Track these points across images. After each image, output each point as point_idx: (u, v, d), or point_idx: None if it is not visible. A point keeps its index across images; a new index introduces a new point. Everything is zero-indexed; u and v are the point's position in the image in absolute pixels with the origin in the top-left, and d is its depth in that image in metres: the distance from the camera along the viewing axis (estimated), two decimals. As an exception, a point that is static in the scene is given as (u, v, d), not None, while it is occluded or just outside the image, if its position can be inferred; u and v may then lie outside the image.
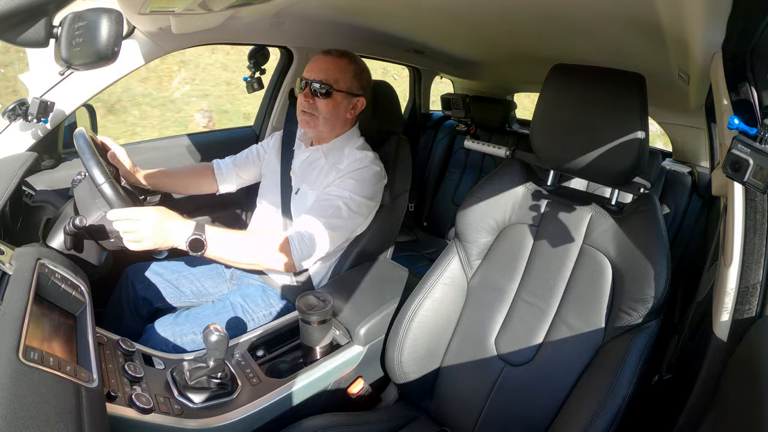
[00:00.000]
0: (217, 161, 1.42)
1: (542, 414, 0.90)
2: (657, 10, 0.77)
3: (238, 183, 1.42)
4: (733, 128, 0.59)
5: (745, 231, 0.69)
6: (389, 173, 1.27)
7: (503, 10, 1.05)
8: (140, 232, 0.90)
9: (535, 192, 1.02)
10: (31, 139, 1.13)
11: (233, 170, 1.40)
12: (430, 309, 1.03)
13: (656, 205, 0.89)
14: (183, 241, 0.95)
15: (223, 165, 1.41)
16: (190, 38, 1.20)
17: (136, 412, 0.74)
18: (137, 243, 0.91)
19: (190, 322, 1.08)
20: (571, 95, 0.92)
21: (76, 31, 0.69)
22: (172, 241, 0.95)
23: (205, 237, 0.97)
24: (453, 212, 2.42)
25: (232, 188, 1.42)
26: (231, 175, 1.40)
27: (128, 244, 0.92)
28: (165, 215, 0.95)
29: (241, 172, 1.40)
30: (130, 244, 0.92)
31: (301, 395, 0.95)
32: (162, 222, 0.93)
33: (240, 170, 1.40)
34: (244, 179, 1.42)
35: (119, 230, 0.90)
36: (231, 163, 1.41)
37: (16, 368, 0.53)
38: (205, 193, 1.41)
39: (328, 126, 1.21)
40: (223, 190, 1.41)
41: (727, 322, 0.70)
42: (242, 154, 1.43)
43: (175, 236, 0.95)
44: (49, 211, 1.08)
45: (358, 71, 1.20)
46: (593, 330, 0.88)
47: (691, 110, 1.67)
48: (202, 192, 1.41)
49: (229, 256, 1.03)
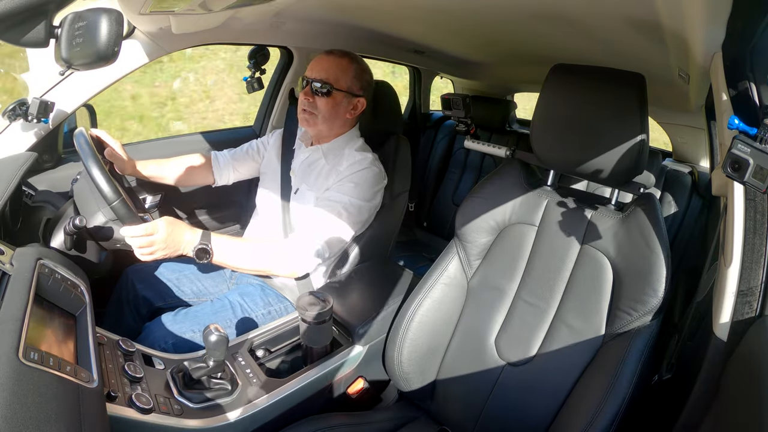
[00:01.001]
0: (215, 153, 1.41)
1: (542, 414, 0.90)
2: (657, 10, 0.77)
3: (235, 176, 1.41)
4: (733, 128, 0.60)
5: (745, 231, 0.69)
6: (389, 173, 1.27)
7: (503, 10, 1.05)
8: (153, 245, 0.94)
9: (535, 192, 1.02)
10: (31, 139, 1.13)
11: (230, 163, 1.40)
12: (430, 309, 1.03)
13: (656, 204, 0.89)
14: (190, 250, 0.99)
15: (220, 157, 1.40)
16: (190, 38, 1.20)
17: (136, 412, 0.74)
18: (150, 255, 0.95)
19: (189, 321, 1.08)
20: (571, 95, 0.92)
21: (77, 31, 0.69)
22: (181, 250, 0.98)
23: (211, 246, 1.00)
24: (453, 212, 2.42)
25: (228, 181, 1.42)
26: (228, 167, 1.39)
27: (141, 257, 0.95)
28: (174, 226, 0.97)
29: (239, 165, 1.40)
30: (143, 257, 0.95)
31: (301, 395, 0.95)
32: (172, 234, 0.96)
33: (237, 164, 1.40)
34: (240, 173, 1.41)
35: (132, 245, 0.93)
36: (229, 156, 1.41)
37: (16, 368, 0.53)
38: (201, 185, 1.41)
39: (327, 125, 1.21)
40: (220, 183, 1.41)
41: (727, 322, 0.70)
42: (241, 147, 1.42)
43: (184, 245, 0.98)
44: (49, 211, 1.08)
45: (359, 72, 1.20)
46: (593, 330, 0.88)
47: (691, 110, 1.67)
48: (198, 184, 1.41)
49: (234, 263, 1.06)
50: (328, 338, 1.00)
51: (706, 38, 0.68)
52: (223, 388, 0.86)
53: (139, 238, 0.92)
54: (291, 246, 1.11)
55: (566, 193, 1.01)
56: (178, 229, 0.98)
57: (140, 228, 0.92)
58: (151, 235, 0.93)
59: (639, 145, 0.84)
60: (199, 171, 1.38)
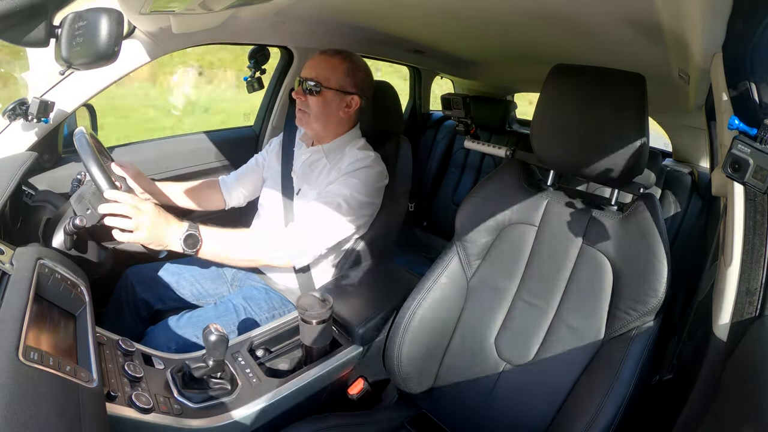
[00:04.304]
0: (223, 178, 1.42)
1: (542, 414, 0.90)
2: (657, 10, 0.77)
3: (244, 197, 1.42)
4: (733, 128, 0.59)
5: (745, 231, 0.69)
6: (390, 173, 1.26)
7: (503, 10, 1.05)
8: (137, 219, 0.89)
9: (535, 192, 1.02)
10: (31, 139, 1.13)
11: (237, 184, 1.40)
12: (429, 309, 1.03)
13: (656, 205, 0.89)
14: (178, 239, 0.96)
15: (228, 181, 1.41)
16: (191, 38, 1.20)
17: (135, 412, 0.74)
18: (132, 233, 0.90)
19: (192, 325, 1.08)
20: (572, 95, 0.92)
21: (77, 31, 0.69)
22: (167, 238, 0.95)
23: (199, 233, 0.97)
24: (453, 212, 2.41)
25: (240, 202, 1.43)
26: (236, 189, 1.40)
27: (121, 235, 0.90)
28: (162, 211, 0.96)
29: (244, 185, 1.40)
30: (123, 235, 0.90)
31: (301, 395, 0.95)
32: (159, 216, 0.94)
33: (244, 183, 1.40)
34: (248, 192, 1.41)
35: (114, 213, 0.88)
36: (234, 178, 1.41)
37: (16, 368, 0.53)
38: (214, 209, 1.41)
39: (320, 123, 1.21)
40: (231, 204, 1.42)
41: (727, 322, 0.70)
42: (245, 167, 1.43)
43: (170, 233, 0.95)
44: (49, 211, 1.08)
45: (351, 69, 1.20)
46: (593, 330, 0.88)
47: (691, 110, 1.67)
48: (212, 208, 1.41)
49: (225, 252, 1.03)
50: (328, 338, 1.00)
51: (706, 38, 0.68)
52: (223, 387, 0.86)
53: (123, 204, 0.88)
54: (287, 234, 1.10)
55: (566, 194, 1.01)
56: (164, 215, 0.95)
57: (126, 195, 0.89)
58: (136, 206, 0.89)
59: (639, 145, 0.84)
60: (210, 196, 1.39)
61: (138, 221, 0.90)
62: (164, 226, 0.94)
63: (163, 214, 0.95)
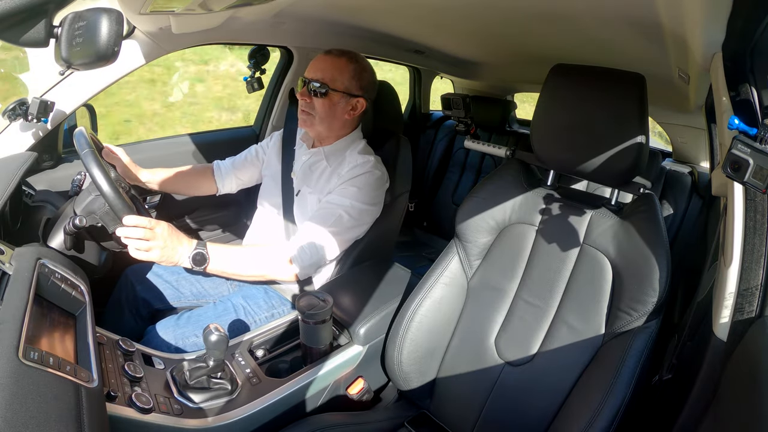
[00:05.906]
0: (217, 162, 1.42)
1: (542, 414, 0.90)
2: (657, 10, 0.77)
3: (237, 184, 1.43)
4: (733, 128, 0.59)
5: (745, 231, 0.69)
6: (390, 173, 1.26)
7: (503, 10, 1.05)
8: (151, 241, 0.92)
9: (535, 192, 1.02)
10: (31, 139, 1.13)
11: (232, 172, 1.40)
12: (429, 309, 1.03)
13: (656, 205, 0.89)
14: (187, 257, 0.98)
15: (222, 166, 1.41)
16: (190, 38, 1.20)
17: (135, 412, 0.74)
18: (146, 253, 0.93)
19: (192, 325, 1.08)
20: (572, 95, 0.92)
21: (76, 31, 0.69)
22: (177, 257, 0.97)
23: (207, 252, 1.00)
24: (453, 212, 2.41)
25: (231, 189, 1.43)
26: (230, 176, 1.40)
27: (136, 253, 0.93)
28: (174, 230, 0.98)
29: (240, 173, 1.41)
30: (137, 253, 0.93)
31: (301, 395, 0.95)
32: (171, 236, 0.96)
33: (238, 172, 1.41)
34: (243, 180, 1.42)
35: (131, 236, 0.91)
36: (230, 164, 1.41)
37: (16, 368, 0.53)
38: (205, 194, 1.42)
39: (325, 126, 1.20)
40: (223, 191, 1.42)
41: (727, 322, 0.70)
42: (241, 155, 1.43)
43: (181, 252, 0.98)
44: (49, 211, 1.08)
45: (357, 71, 1.18)
46: (593, 330, 0.88)
47: (691, 110, 1.68)
48: (202, 193, 1.42)
49: (232, 269, 1.05)
50: (327, 338, 1.00)
51: (706, 38, 0.68)
52: (223, 388, 0.86)
53: (140, 228, 0.91)
54: (291, 249, 1.11)
55: (566, 194, 1.01)
56: (176, 234, 0.98)
57: (144, 219, 0.92)
58: (152, 229, 0.92)
59: (639, 145, 0.84)
60: (202, 180, 1.40)
61: (153, 244, 0.93)
62: (177, 245, 0.97)
63: (175, 234, 0.98)
